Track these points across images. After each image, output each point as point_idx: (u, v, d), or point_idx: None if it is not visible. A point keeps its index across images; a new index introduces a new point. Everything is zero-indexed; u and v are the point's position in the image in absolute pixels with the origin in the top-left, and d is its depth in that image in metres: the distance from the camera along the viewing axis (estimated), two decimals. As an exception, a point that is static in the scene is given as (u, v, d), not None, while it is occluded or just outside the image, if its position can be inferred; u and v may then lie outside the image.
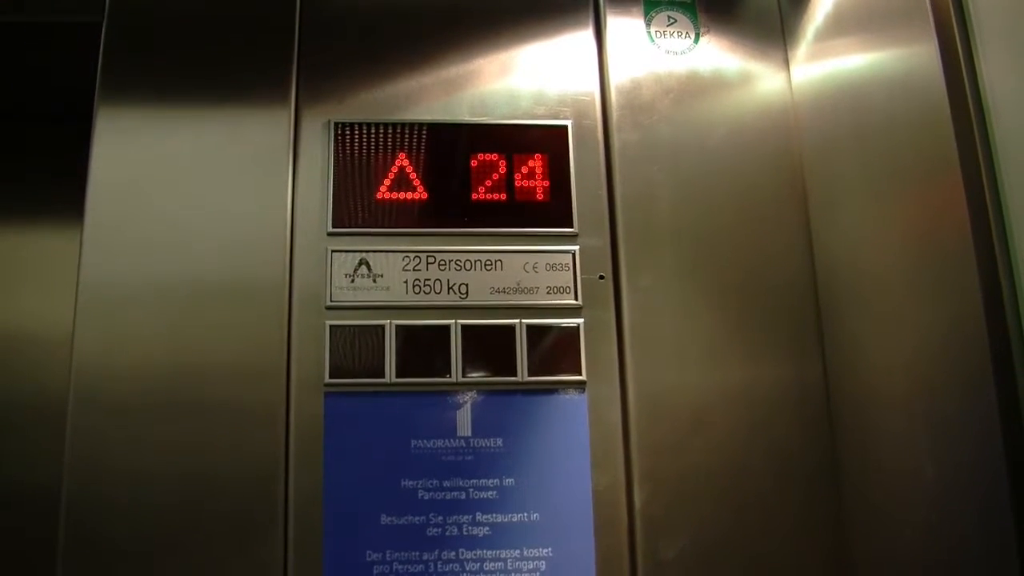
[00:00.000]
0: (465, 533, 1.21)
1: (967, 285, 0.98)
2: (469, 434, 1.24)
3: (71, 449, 1.18)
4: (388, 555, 1.20)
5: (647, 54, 1.41)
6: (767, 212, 1.36)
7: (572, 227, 1.33)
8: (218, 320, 1.23)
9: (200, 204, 1.28)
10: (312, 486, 1.20)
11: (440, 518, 1.21)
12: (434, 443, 1.24)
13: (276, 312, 1.25)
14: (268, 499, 1.18)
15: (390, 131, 1.34)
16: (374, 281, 1.28)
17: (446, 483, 1.22)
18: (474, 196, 1.33)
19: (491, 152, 1.34)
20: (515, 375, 1.26)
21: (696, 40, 1.43)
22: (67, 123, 1.37)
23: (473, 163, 1.34)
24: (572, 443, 1.25)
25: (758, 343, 1.31)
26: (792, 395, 1.29)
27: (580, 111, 1.38)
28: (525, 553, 1.21)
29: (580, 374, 1.27)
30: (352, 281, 1.28)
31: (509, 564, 1.21)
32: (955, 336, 1.02)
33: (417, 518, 1.21)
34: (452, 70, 1.39)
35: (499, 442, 1.24)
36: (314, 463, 1.21)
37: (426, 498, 1.22)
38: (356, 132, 1.33)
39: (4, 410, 1.58)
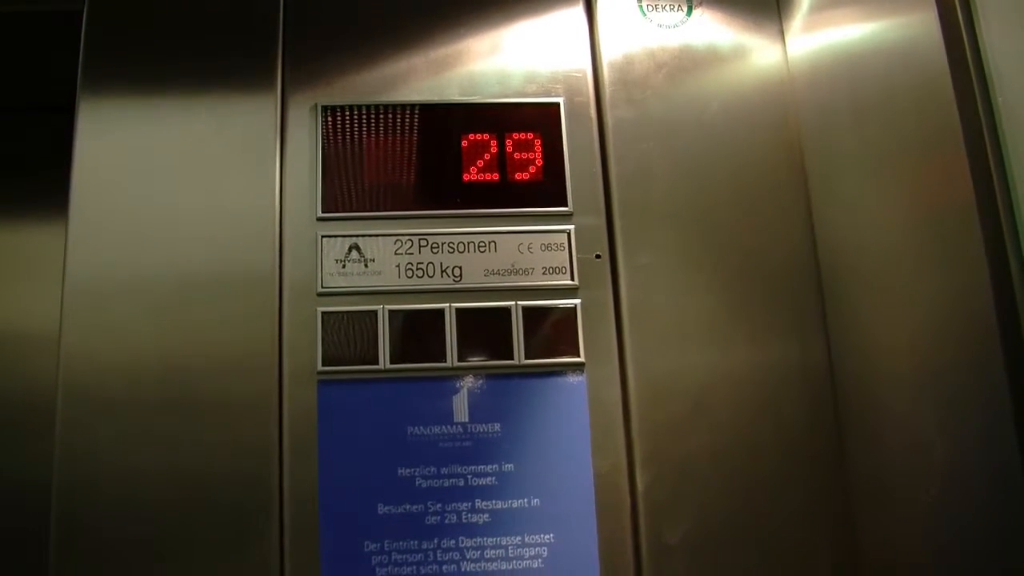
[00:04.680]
0: (464, 521, 1.20)
1: (973, 258, 0.97)
2: (466, 420, 1.23)
3: (61, 445, 1.16)
4: (386, 545, 1.18)
5: (639, 28, 1.39)
6: (765, 187, 1.34)
7: (567, 206, 1.31)
8: (207, 310, 1.22)
9: (187, 193, 1.26)
10: (307, 477, 1.19)
11: (439, 506, 1.20)
12: (431, 430, 1.22)
13: (266, 300, 1.23)
14: (263, 492, 1.17)
15: (379, 113, 1.32)
16: (366, 266, 1.26)
17: (444, 470, 1.21)
18: (466, 177, 1.31)
19: (482, 132, 1.32)
20: (512, 358, 1.24)
21: (689, 13, 1.41)
22: (62, 113, 1.34)
23: (464, 143, 1.32)
24: (572, 427, 1.23)
25: (760, 321, 1.29)
26: (796, 374, 1.28)
27: (572, 88, 1.36)
28: (526, 540, 1.20)
29: (578, 356, 1.25)
30: (343, 266, 1.26)
31: (510, 551, 1.19)
32: (962, 311, 1.01)
33: (415, 507, 1.19)
34: (441, 49, 1.37)
35: (497, 427, 1.23)
36: (309, 454, 1.19)
37: (424, 486, 1.20)
38: (344, 115, 1.31)
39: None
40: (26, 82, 1.60)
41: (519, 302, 1.26)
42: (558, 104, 1.35)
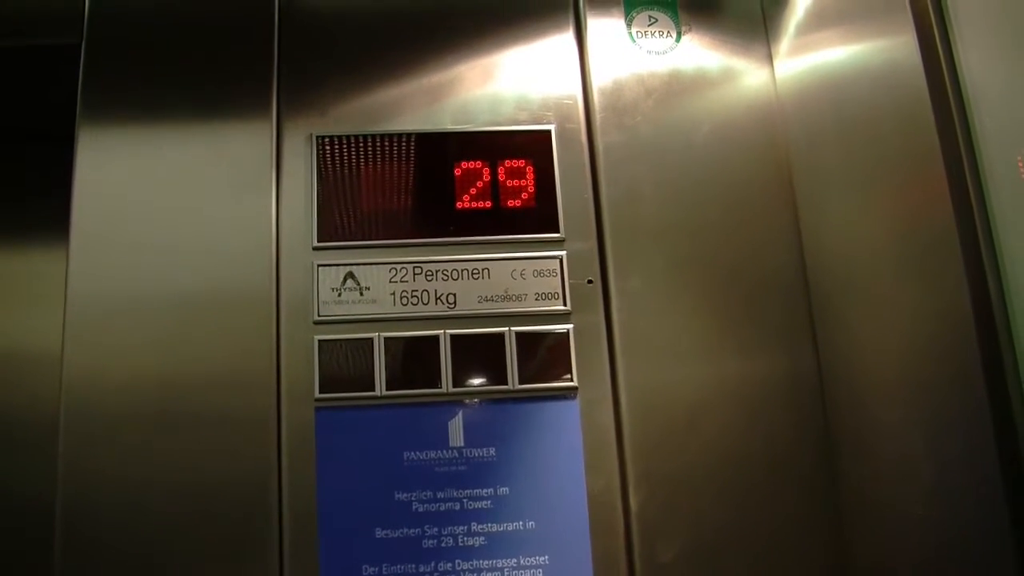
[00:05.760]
0: (461, 544, 1.21)
1: (953, 274, 0.99)
2: (462, 444, 1.24)
3: (64, 463, 1.18)
4: (384, 569, 1.19)
5: (629, 55, 1.41)
6: (754, 208, 1.35)
7: (558, 232, 1.32)
8: (206, 339, 1.23)
9: (184, 221, 1.27)
10: (306, 501, 1.20)
11: (435, 530, 1.21)
12: (427, 455, 1.23)
13: (264, 329, 1.24)
14: (262, 516, 1.18)
15: (373, 143, 1.33)
16: (361, 294, 1.28)
17: (440, 494, 1.22)
18: (459, 205, 1.32)
19: (475, 160, 1.34)
20: (506, 383, 1.26)
21: (678, 39, 1.42)
22: (58, 142, 1.36)
23: (457, 172, 1.33)
24: (566, 449, 1.24)
25: (750, 339, 1.30)
26: (785, 389, 1.29)
27: (563, 115, 1.38)
28: (522, 562, 1.21)
29: (571, 379, 1.27)
30: (339, 295, 1.27)
31: (506, 573, 1.20)
32: (943, 325, 1.02)
33: (412, 530, 1.21)
34: (433, 78, 1.39)
35: (492, 451, 1.24)
36: (307, 479, 1.21)
37: (420, 510, 1.21)
38: (338, 145, 1.33)
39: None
40: (21, 111, 1.61)
41: (512, 328, 1.28)
42: (549, 131, 1.36)
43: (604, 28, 1.42)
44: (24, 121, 1.64)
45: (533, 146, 1.35)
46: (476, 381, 1.26)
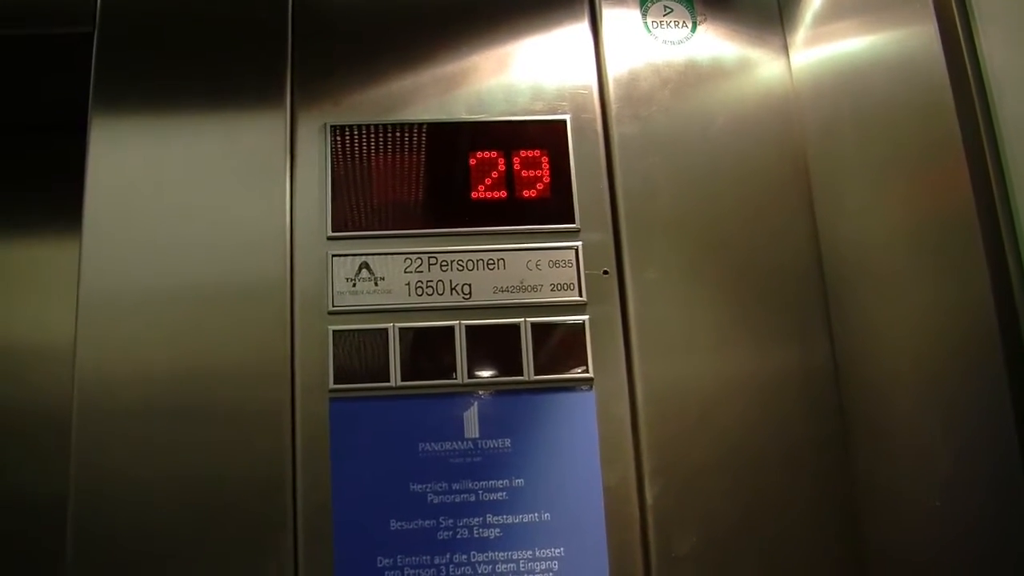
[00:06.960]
0: (476, 535, 1.20)
1: (973, 265, 0.98)
2: (477, 435, 1.24)
3: (76, 458, 1.18)
4: (399, 560, 1.19)
5: (644, 45, 1.40)
6: (770, 199, 1.35)
7: (574, 223, 1.31)
8: (219, 331, 1.23)
9: (198, 211, 1.27)
10: (320, 493, 1.20)
11: (450, 521, 1.20)
12: (442, 446, 1.23)
13: (278, 319, 1.24)
14: (276, 506, 1.18)
15: (387, 132, 1.33)
16: (376, 284, 1.27)
17: (455, 486, 1.22)
18: (474, 195, 1.31)
19: (490, 150, 1.33)
20: (521, 374, 1.25)
21: (693, 29, 1.42)
22: (67, 133, 1.35)
23: (472, 161, 1.33)
24: (581, 441, 1.24)
25: (765, 330, 1.30)
26: (800, 380, 1.28)
27: (578, 105, 1.37)
28: (537, 553, 1.20)
29: (587, 371, 1.26)
30: (354, 285, 1.27)
31: (521, 565, 1.20)
32: (962, 317, 1.02)
33: (427, 522, 1.20)
34: (448, 68, 1.38)
35: (507, 442, 1.23)
36: (322, 470, 1.20)
37: (435, 501, 1.21)
38: (353, 134, 1.32)
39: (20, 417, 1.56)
40: (26, 102, 1.61)
41: (528, 319, 1.27)
42: (565, 121, 1.36)
43: (619, 18, 1.41)
44: (34, 111, 1.64)
45: (548, 136, 1.35)
46: (491, 372, 1.25)
